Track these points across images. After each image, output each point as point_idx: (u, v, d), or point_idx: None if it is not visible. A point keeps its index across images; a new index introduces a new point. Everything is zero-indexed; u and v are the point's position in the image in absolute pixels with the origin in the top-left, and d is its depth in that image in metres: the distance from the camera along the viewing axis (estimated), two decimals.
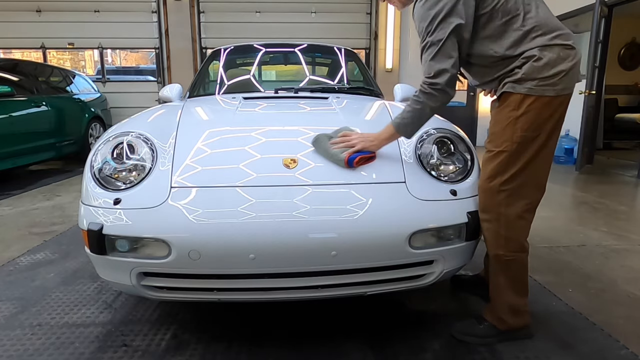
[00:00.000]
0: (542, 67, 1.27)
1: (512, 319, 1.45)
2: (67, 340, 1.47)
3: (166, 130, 1.55)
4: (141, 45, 7.82)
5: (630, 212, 3.19)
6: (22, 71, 4.77)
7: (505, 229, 1.37)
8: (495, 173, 1.35)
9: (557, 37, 1.29)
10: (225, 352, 1.40)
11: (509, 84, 1.32)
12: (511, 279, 1.42)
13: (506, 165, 1.34)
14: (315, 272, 1.30)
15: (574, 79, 1.31)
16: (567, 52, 1.29)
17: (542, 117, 1.30)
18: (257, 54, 2.76)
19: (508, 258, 1.39)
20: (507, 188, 1.34)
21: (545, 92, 1.28)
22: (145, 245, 1.27)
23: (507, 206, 1.35)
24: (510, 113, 1.32)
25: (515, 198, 1.35)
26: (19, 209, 3.30)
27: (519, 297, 1.44)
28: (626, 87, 7.53)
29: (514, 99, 1.32)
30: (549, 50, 1.28)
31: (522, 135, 1.31)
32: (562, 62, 1.28)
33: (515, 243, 1.38)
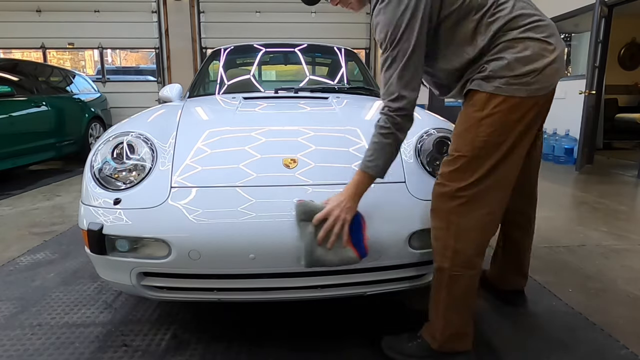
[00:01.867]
0: (512, 63, 1.12)
1: (448, 341, 1.27)
2: (67, 340, 1.47)
3: (166, 130, 1.55)
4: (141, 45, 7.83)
5: (630, 212, 3.19)
6: (22, 71, 4.77)
7: (455, 240, 1.19)
8: (451, 178, 1.20)
9: (531, 29, 1.13)
10: (225, 352, 1.40)
11: (475, 81, 1.18)
12: (454, 297, 1.23)
13: (464, 172, 1.18)
14: (315, 272, 1.30)
15: (553, 77, 1.16)
16: (542, 47, 1.13)
17: (510, 120, 1.14)
18: (257, 54, 2.76)
19: (454, 273, 1.21)
20: (462, 195, 1.18)
21: (516, 92, 1.12)
22: (145, 245, 1.27)
23: (460, 215, 1.18)
24: (474, 113, 1.17)
25: (472, 207, 1.18)
26: (19, 209, 3.30)
27: (460, 318, 1.26)
28: (626, 87, 7.52)
29: (479, 98, 1.17)
30: (520, 44, 1.13)
31: (485, 140, 1.15)
32: (537, 58, 1.12)
33: (464, 258, 1.20)
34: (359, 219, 1.23)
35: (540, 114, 1.22)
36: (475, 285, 1.26)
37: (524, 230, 1.60)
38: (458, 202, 1.19)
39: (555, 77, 1.17)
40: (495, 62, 1.14)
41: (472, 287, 1.25)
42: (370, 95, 2.49)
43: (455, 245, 1.19)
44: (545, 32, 1.14)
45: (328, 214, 1.20)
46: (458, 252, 1.20)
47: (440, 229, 1.22)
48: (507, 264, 1.66)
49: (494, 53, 1.15)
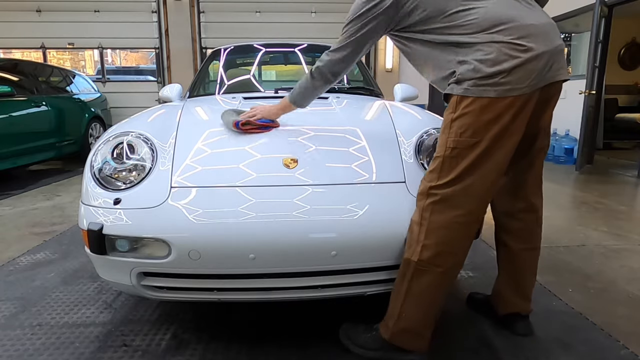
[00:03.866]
0: (478, 66, 1.14)
1: (400, 333, 1.27)
2: (67, 340, 1.47)
3: (166, 130, 1.55)
4: (141, 45, 7.83)
5: (630, 212, 3.19)
6: (22, 71, 4.77)
7: (425, 235, 1.21)
8: (429, 177, 1.24)
9: (498, 32, 1.14)
10: (225, 352, 1.40)
11: (450, 85, 1.22)
12: (416, 292, 1.24)
13: (439, 172, 1.22)
14: (315, 272, 1.30)
15: (528, 77, 1.14)
16: (510, 48, 1.13)
17: (482, 120, 1.15)
18: (257, 54, 2.76)
19: (419, 267, 1.22)
20: (436, 193, 1.21)
21: (484, 92, 1.14)
22: (145, 245, 1.27)
23: (433, 213, 1.21)
24: (448, 116, 1.22)
25: (444, 206, 1.21)
26: (19, 209, 3.30)
27: (418, 314, 1.26)
28: (626, 87, 7.52)
29: (452, 101, 1.21)
30: (485, 47, 1.15)
31: (456, 140, 1.18)
32: (504, 59, 1.13)
33: (431, 254, 1.21)
34: (267, 121, 1.56)
35: (522, 116, 1.18)
36: (441, 285, 1.25)
37: (519, 240, 1.45)
38: (432, 199, 1.22)
39: (532, 77, 1.15)
40: (463, 65, 1.18)
41: (437, 286, 1.25)
42: (371, 95, 2.49)
43: (424, 241, 1.22)
44: (516, 34, 1.14)
45: (254, 108, 1.60)
46: (426, 247, 1.21)
47: (416, 223, 1.25)
48: (504, 280, 1.51)
49: (461, 56, 1.19)
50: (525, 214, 1.44)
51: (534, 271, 1.49)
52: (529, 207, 1.43)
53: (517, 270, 1.47)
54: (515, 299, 1.49)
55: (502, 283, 1.51)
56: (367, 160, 1.44)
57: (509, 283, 1.49)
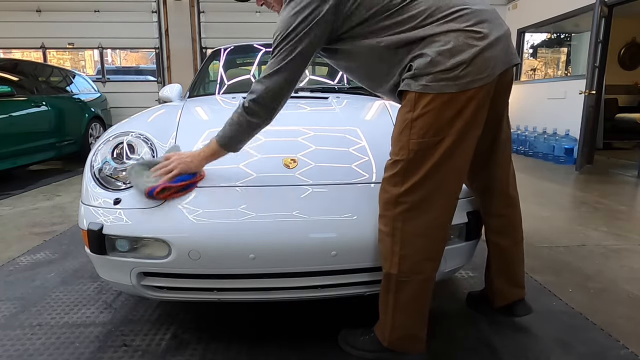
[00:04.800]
0: (436, 58, 1.06)
1: (399, 341, 1.25)
2: (67, 340, 1.47)
3: (166, 130, 1.55)
4: (141, 45, 7.83)
5: (630, 212, 3.19)
6: (22, 71, 4.78)
7: (400, 247, 1.15)
8: (391, 183, 1.17)
9: (452, 20, 1.07)
10: (225, 352, 1.40)
11: (405, 80, 1.13)
12: (403, 302, 1.21)
13: (404, 176, 1.14)
14: (315, 272, 1.30)
15: (488, 66, 1.08)
16: (467, 36, 1.06)
17: (445, 117, 1.09)
18: (257, 54, 2.76)
19: (401, 279, 1.18)
20: (405, 200, 1.14)
21: (445, 88, 1.06)
22: (145, 245, 1.27)
23: (405, 221, 1.15)
24: (406, 115, 1.13)
25: (416, 213, 1.14)
26: (19, 209, 3.30)
27: (411, 320, 1.24)
28: (626, 87, 7.53)
29: (409, 98, 1.12)
30: (441, 37, 1.07)
31: (420, 142, 1.11)
32: (463, 49, 1.06)
33: (411, 263, 1.16)
34: (189, 177, 1.29)
35: (484, 107, 1.13)
36: (426, 290, 1.23)
37: (506, 236, 1.42)
38: (402, 208, 1.15)
39: (491, 66, 1.09)
40: (419, 59, 1.09)
41: (422, 292, 1.22)
42: (370, 95, 2.49)
43: (400, 252, 1.16)
44: (471, 20, 1.08)
45: (170, 157, 1.31)
46: (404, 258, 1.16)
47: (386, 234, 1.18)
48: (498, 275, 1.47)
49: (416, 50, 1.11)
50: (507, 209, 1.40)
51: (522, 260, 1.48)
52: (508, 202, 1.39)
53: (510, 264, 1.46)
54: (512, 289, 1.47)
55: (496, 278, 1.48)
56: (367, 160, 1.44)
57: (503, 277, 1.46)
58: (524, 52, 7.52)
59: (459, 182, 1.19)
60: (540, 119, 6.21)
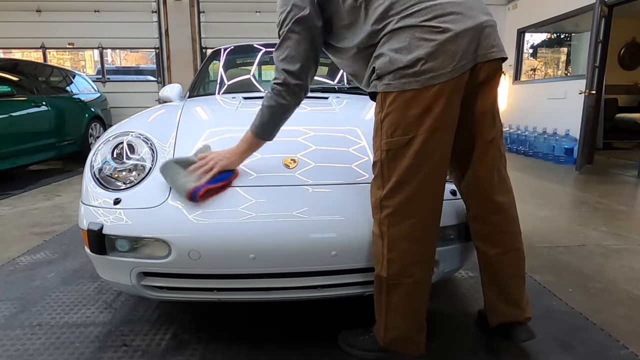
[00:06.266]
0: (393, 57, 1.05)
1: (393, 341, 1.25)
2: (67, 340, 1.47)
3: (166, 130, 1.55)
4: (141, 45, 7.83)
5: (630, 212, 3.19)
6: (22, 71, 4.78)
7: (388, 250, 1.15)
8: (376, 186, 1.17)
9: (408, 16, 1.05)
10: (225, 352, 1.40)
11: (373, 82, 1.13)
12: (395, 304, 1.21)
13: (382, 178, 1.14)
14: (315, 272, 1.30)
15: (448, 62, 1.04)
16: (423, 31, 1.03)
17: (411, 115, 1.06)
18: (257, 54, 2.76)
19: (391, 282, 1.18)
20: (388, 204, 1.14)
21: (406, 85, 1.04)
22: (145, 245, 1.27)
23: (390, 226, 1.14)
24: (376, 116, 1.14)
25: (400, 217, 1.13)
26: (19, 209, 3.30)
27: (402, 322, 1.23)
28: (626, 87, 7.53)
29: (378, 100, 1.13)
30: (397, 35, 1.06)
31: (389, 141, 1.10)
32: (419, 45, 1.03)
33: (397, 267, 1.16)
34: (227, 175, 1.30)
35: (453, 103, 1.08)
36: (418, 292, 1.21)
37: (492, 245, 1.30)
38: (386, 212, 1.15)
39: (456, 60, 1.04)
40: (379, 59, 1.10)
41: (413, 295, 1.20)
42: None
43: (388, 255, 1.16)
44: (429, 15, 1.04)
45: (207, 156, 1.33)
46: (392, 261, 1.16)
47: (377, 236, 1.19)
48: (488, 287, 1.37)
49: (377, 49, 1.11)
50: (492, 216, 1.28)
51: (518, 274, 1.33)
52: (494, 207, 1.27)
53: (498, 276, 1.33)
54: (506, 308, 1.34)
55: (488, 294, 1.38)
56: (367, 160, 1.44)
57: (495, 292, 1.35)
58: (524, 52, 7.52)
59: (438, 183, 1.16)
60: (540, 119, 6.21)
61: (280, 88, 1.26)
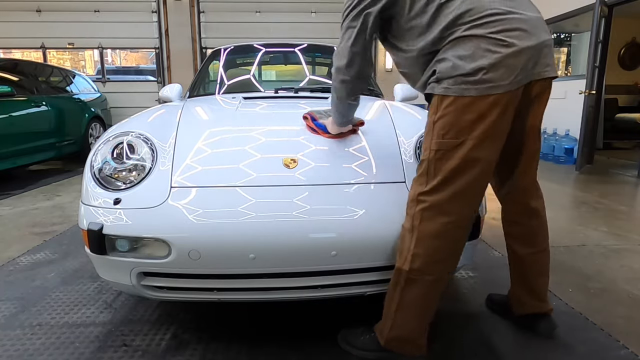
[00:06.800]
0: (456, 63, 1.09)
1: (395, 340, 1.27)
2: (67, 340, 1.47)
3: (166, 130, 1.55)
4: (141, 45, 7.83)
5: (630, 212, 3.19)
6: (22, 71, 4.77)
7: (415, 245, 1.18)
8: (418, 182, 1.21)
9: (477, 26, 1.08)
10: (225, 352, 1.40)
11: (430, 84, 1.17)
12: (408, 300, 1.22)
13: (427, 176, 1.17)
14: (315, 272, 1.30)
15: (508, 74, 1.08)
16: (489, 43, 1.07)
17: (465, 120, 1.10)
18: (257, 54, 2.76)
19: (410, 277, 1.20)
20: (425, 199, 1.17)
21: (465, 91, 1.09)
22: (145, 245, 1.27)
23: (422, 220, 1.17)
24: (430, 117, 1.18)
25: (434, 213, 1.16)
26: (19, 209, 3.30)
27: (411, 323, 1.24)
28: (626, 87, 7.53)
29: (433, 102, 1.17)
30: (462, 43, 1.09)
31: (439, 142, 1.14)
32: (482, 55, 1.07)
33: (422, 263, 1.18)
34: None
35: (505, 115, 1.13)
36: (432, 293, 1.23)
37: (525, 245, 1.42)
38: (421, 206, 1.18)
39: (514, 74, 1.09)
40: (441, 63, 1.13)
41: (429, 293, 1.22)
42: (370, 95, 2.49)
43: (414, 250, 1.18)
44: (497, 27, 1.08)
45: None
46: (416, 256, 1.18)
47: (407, 230, 1.22)
48: (517, 282, 1.50)
49: (440, 53, 1.15)
50: (527, 219, 1.41)
51: (544, 272, 1.46)
52: (530, 212, 1.40)
53: (527, 273, 1.45)
54: (531, 300, 1.47)
55: (515, 285, 1.50)
56: (367, 160, 1.44)
57: (522, 285, 1.48)
58: None
59: (479, 189, 1.20)
60: None
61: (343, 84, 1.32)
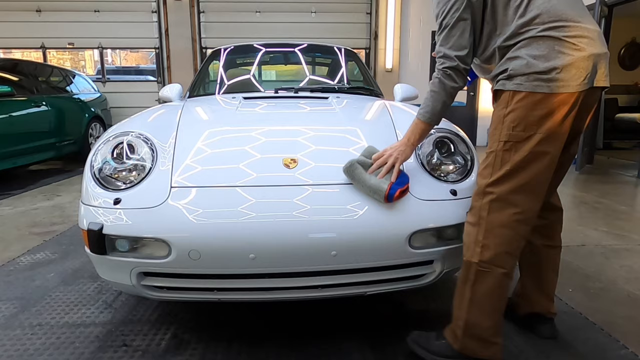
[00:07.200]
0: (531, 61, 1.15)
1: (470, 342, 1.26)
2: (67, 340, 1.47)
3: (166, 130, 1.55)
4: (141, 45, 7.82)
5: (630, 212, 3.19)
6: (22, 71, 4.77)
7: (484, 236, 1.21)
8: (483, 175, 1.25)
9: (553, 28, 1.15)
10: (225, 352, 1.40)
11: (500, 81, 1.23)
12: (479, 295, 1.23)
13: (493, 167, 1.22)
14: (315, 272, 1.30)
15: (578, 76, 1.14)
16: (563, 45, 1.14)
17: (535, 115, 1.16)
18: (257, 54, 2.76)
19: (480, 269, 1.22)
20: (493, 191, 1.21)
21: (537, 88, 1.15)
22: (145, 245, 1.27)
23: (490, 211, 1.21)
24: (499, 112, 1.23)
25: (502, 204, 1.21)
26: (19, 209, 3.30)
27: (485, 321, 1.24)
28: (626, 87, 7.53)
29: (503, 97, 1.22)
30: (537, 42, 1.16)
31: (509, 134, 1.19)
32: (556, 56, 1.14)
33: (493, 254, 1.21)
34: (405, 178, 1.35)
35: (571, 115, 1.19)
36: (503, 289, 1.24)
37: (541, 236, 1.48)
38: (488, 198, 1.22)
39: (582, 77, 1.15)
40: (513, 61, 1.19)
41: (499, 289, 1.23)
42: (371, 95, 2.49)
43: (483, 241, 1.21)
44: (571, 32, 1.15)
45: (384, 153, 1.37)
46: (486, 247, 1.21)
47: (472, 224, 1.25)
48: (527, 279, 1.51)
49: (512, 51, 1.20)
50: (547, 213, 1.48)
51: (556, 270, 1.50)
52: (550, 207, 1.49)
53: (541, 266, 1.48)
54: (540, 297, 1.48)
55: (525, 282, 1.51)
56: None
57: (532, 281, 1.49)
58: None
59: (544, 182, 1.23)
60: None
61: (452, 72, 1.29)
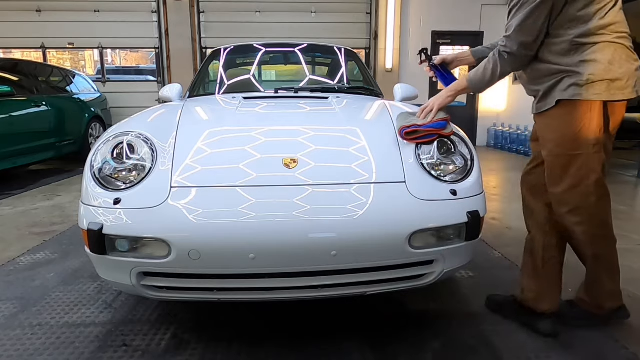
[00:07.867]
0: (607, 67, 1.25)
1: (609, 302, 1.52)
2: (67, 340, 1.47)
3: (166, 130, 1.55)
4: (141, 45, 7.82)
5: (630, 212, 3.18)
6: (22, 71, 4.77)
7: (601, 229, 1.42)
8: (581, 175, 1.35)
9: (625, 38, 1.28)
10: (225, 352, 1.40)
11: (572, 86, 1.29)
12: (610, 270, 1.50)
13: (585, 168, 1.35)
14: (315, 272, 1.30)
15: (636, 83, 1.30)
16: (630, 54, 1.28)
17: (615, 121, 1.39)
18: (257, 54, 2.76)
19: (607, 253, 1.46)
20: (597, 189, 1.36)
21: (614, 96, 1.28)
22: (145, 245, 1.27)
23: (598, 207, 1.38)
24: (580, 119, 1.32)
25: (606, 198, 1.38)
26: (19, 209, 3.30)
27: (615, 281, 1.52)
28: None
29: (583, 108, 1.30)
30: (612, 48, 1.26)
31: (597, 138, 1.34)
32: (627, 61, 1.27)
33: (611, 239, 1.46)
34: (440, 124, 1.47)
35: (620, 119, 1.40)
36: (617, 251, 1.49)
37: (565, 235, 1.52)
38: (595, 197, 1.37)
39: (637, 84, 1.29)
40: (593, 65, 1.25)
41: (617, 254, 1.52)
42: (371, 95, 2.49)
43: (601, 233, 1.44)
44: (630, 43, 1.29)
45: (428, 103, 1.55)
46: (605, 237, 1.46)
47: (582, 223, 1.40)
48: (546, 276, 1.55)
49: (589, 53, 1.26)
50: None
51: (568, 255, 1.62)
52: None
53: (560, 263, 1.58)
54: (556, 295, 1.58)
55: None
56: (367, 160, 1.44)
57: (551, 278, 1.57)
58: None
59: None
60: None
61: (510, 58, 1.35)
